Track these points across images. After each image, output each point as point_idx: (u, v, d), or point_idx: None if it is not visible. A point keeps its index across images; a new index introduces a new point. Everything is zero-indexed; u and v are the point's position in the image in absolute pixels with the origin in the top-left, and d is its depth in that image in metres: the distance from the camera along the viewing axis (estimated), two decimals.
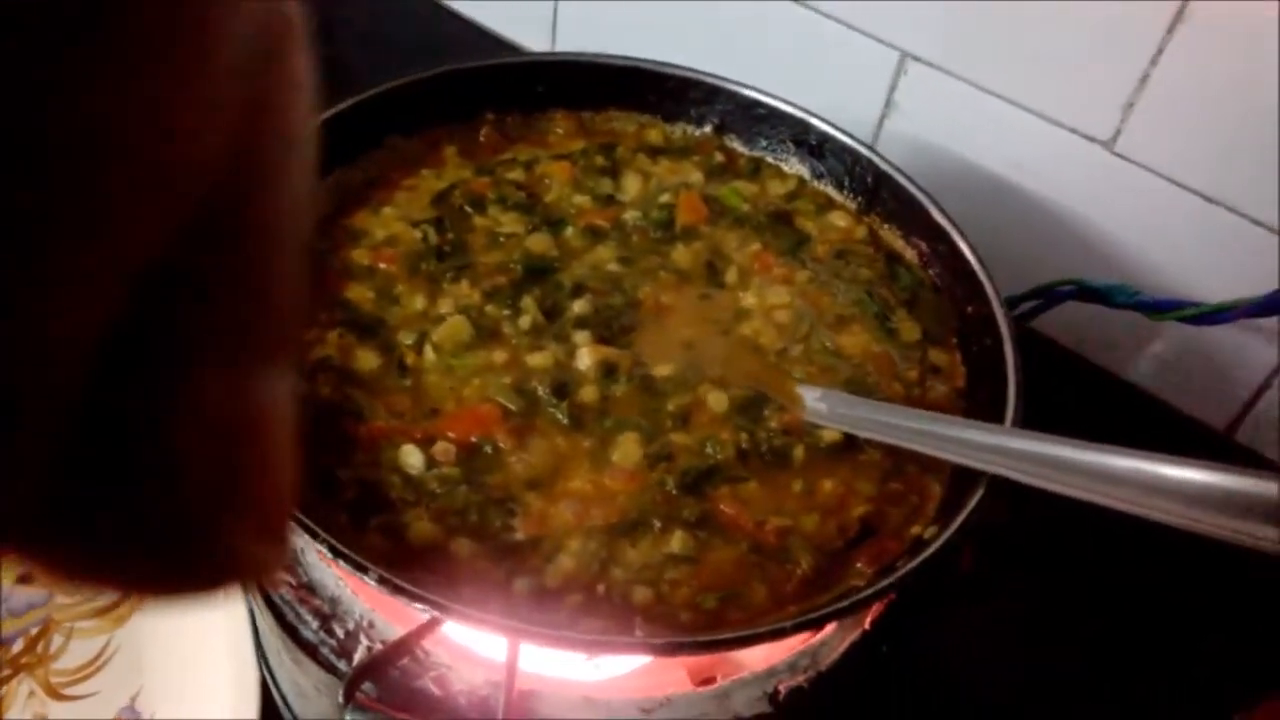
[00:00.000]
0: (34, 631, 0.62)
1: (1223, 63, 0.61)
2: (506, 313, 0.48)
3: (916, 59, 0.72)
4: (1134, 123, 0.66)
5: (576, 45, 0.88)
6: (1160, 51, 0.63)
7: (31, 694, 0.59)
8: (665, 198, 0.54)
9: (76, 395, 0.12)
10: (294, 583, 0.45)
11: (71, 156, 0.11)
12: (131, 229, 0.12)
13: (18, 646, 0.61)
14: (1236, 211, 0.63)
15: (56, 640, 0.61)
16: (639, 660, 0.42)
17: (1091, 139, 0.67)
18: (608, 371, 0.46)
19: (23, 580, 0.63)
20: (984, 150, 0.72)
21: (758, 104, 0.57)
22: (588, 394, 0.45)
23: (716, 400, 0.46)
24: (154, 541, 0.14)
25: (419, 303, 0.48)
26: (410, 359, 0.46)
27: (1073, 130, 0.68)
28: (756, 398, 0.46)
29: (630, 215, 0.53)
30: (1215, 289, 0.65)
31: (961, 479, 0.43)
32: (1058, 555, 0.55)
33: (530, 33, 0.90)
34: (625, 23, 0.84)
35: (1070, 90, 0.67)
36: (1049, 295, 0.60)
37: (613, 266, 0.50)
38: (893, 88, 0.74)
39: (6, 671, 0.60)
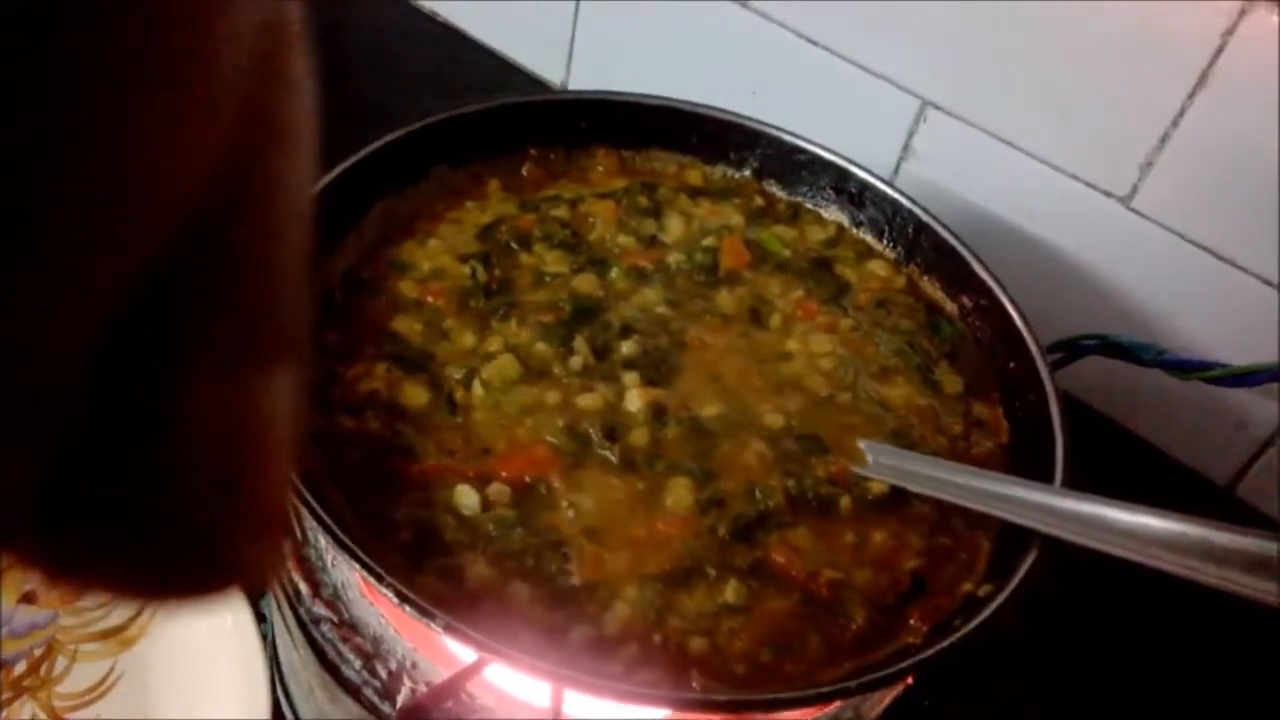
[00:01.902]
0: (37, 653, 0.60)
1: (1242, 127, 0.62)
2: (557, 351, 0.48)
3: (936, 107, 0.73)
4: (1152, 181, 0.67)
5: (591, 77, 0.89)
6: (1182, 114, 0.64)
7: (33, 718, 0.58)
8: (708, 241, 0.54)
9: (73, 396, 0.12)
10: (335, 620, 0.44)
11: (66, 155, 0.11)
12: (127, 229, 0.12)
13: (20, 668, 0.60)
14: (1250, 272, 0.65)
15: (60, 663, 0.60)
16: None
17: (1109, 194, 0.69)
18: (657, 414, 0.46)
19: (26, 600, 0.62)
20: (1000, 199, 0.73)
21: (798, 150, 0.58)
22: (638, 437, 0.46)
23: (764, 447, 0.46)
24: (151, 543, 0.14)
25: (468, 339, 0.48)
26: (460, 395, 0.46)
27: (1090, 184, 0.69)
28: (809, 444, 0.46)
29: (674, 258, 0.53)
30: (1228, 347, 0.66)
31: (1009, 536, 0.44)
32: (1096, 612, 0.56)
33: (547, 62, 0.90)
34: (640, 58, 0.84)
35: (1089, 145, 0.69)
36: (1073, 348, 0.61)
37: (660, 309, 0.51)
38: (911, 133, 0.75)
39: (8, 694, 0.59)
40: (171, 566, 0.15)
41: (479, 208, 0.54)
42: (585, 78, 0.89)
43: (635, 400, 0.47)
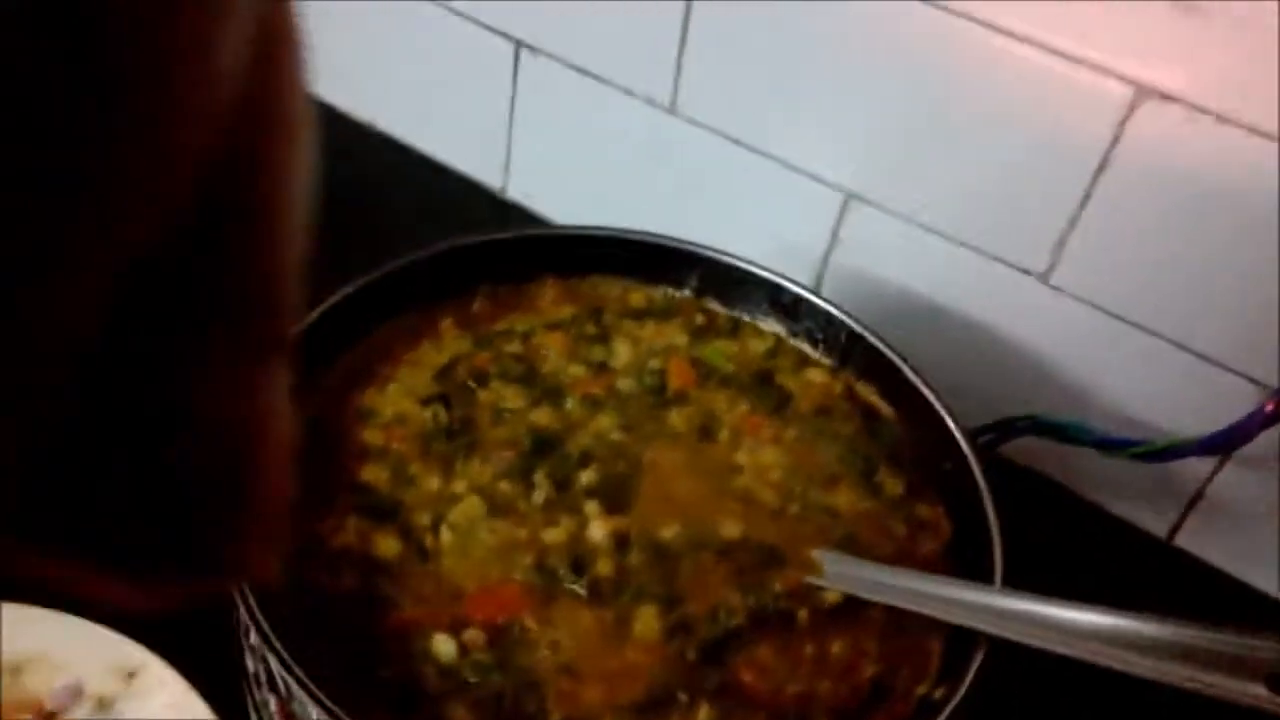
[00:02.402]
0: None
1: (1144, 206, 0.67)
2: (519, 488, 0.50)
3: (859, 198, 0.77)
4: (1066, 258, 0.71)
5: (530, 181, 0.92)
6: (1088, 197, 0.69)
7: None
8: (655, 363, 0.57)
9: (68, 393, 0.12)
10: None
11: (62, 149, 0.11)
12: (123, 223, 0.12)
13: None
14: (1169, 340, 0.69)
15: None
16: None
17: (1027, 272, 0.73)
18: (620, 542, 0.49)
19: None
20: (927, 282, 0.77)
21: (734, 269, 0.61)
22: (604, 566, 0.48)
23: (723, 565, 0.48)
24: (149, 541, 0.14)
25: (434, 483, 0.50)
26: (429, 541, 0.48)
27: (1009, 264, 0.73)
28: (763, 559, 0.49)
29: (624, 383, 0.56)
30: (1157, 412, 0.70)
31: (960, 636, 0.46)
32: (1048, 712, 0.58)
33: (485, 167, 0.93)
34: (575, 160, 0.88)
35: (1006, 227, 0.73)
36: (1006, 429, 0.65)
37: (615, 435, 0.53)
38: (838, 224, 0.79)
39: None
40: (168, 564, 0.15)
41: (434, 347, 0.56)
42: (524, 183, 0.92)
43: (598, 530, 0.49)
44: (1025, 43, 0.64)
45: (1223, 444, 0.57)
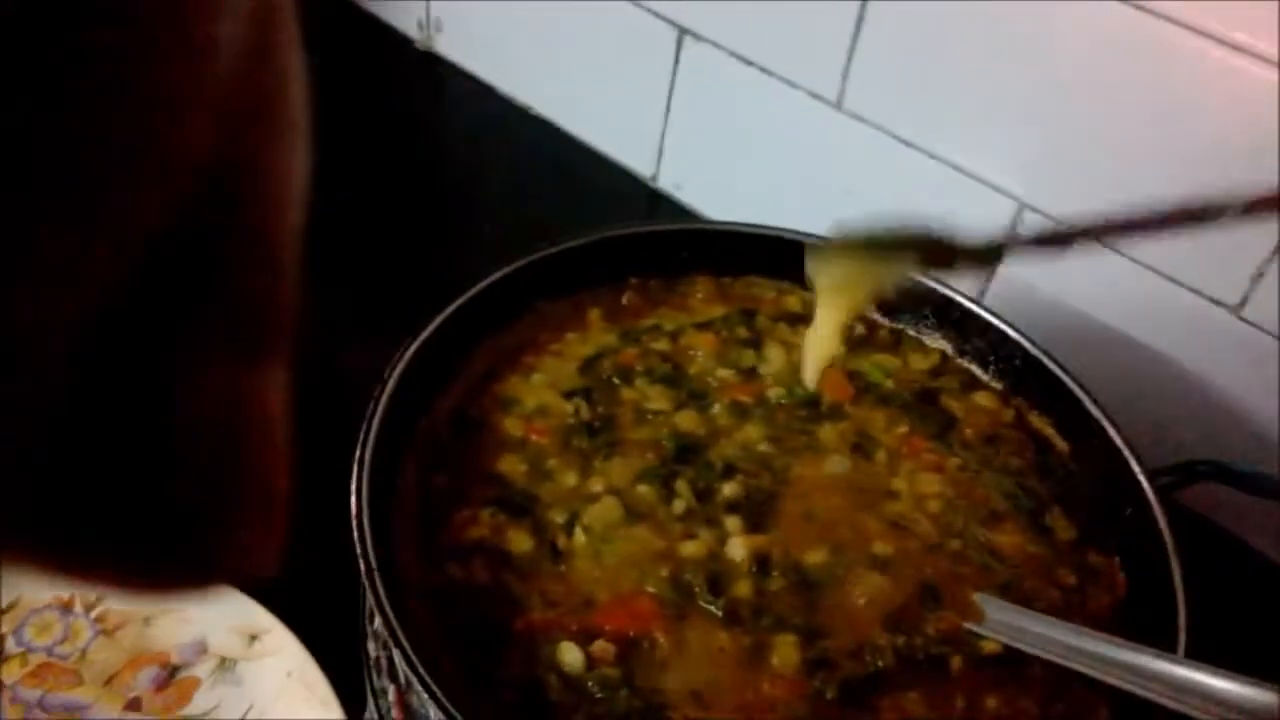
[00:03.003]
0: None
1: None
2: (659, 494, 0.48)
3: (1033, 209, 0.72)
4: (1263, 291, 0.65)
5: (682, 173, 0.89)
6: None
7: None
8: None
9: (69, 389, 0.12)
10: None
11: (64, 144, 0.11)
12: (123, 220, 0.12)
13: None
14: None
15: None
16: None
17: (1218, 303, 0.67)
18: (761, 563, 0.46)
19: None
20: (1104, 305, 0.71)
21: None
22: (742, 588, 0.45)
23: (873, 600, 0.45)
24: (148, 533, 0.14)
25: (571, 480, 0.49)
26: (562, 542, 0.46)
27: (1197, 292, 0.67)
28: (919, 597, 0.45)
29: (774, 392, 0.53)
30: None
31: (1128, 705, 0.42)
32: None
33: (638, 156, 0.91)
34: (729, 155, 0.85)
35: (1197, 252, 0.67)
36: (1186, 473, 0.59)
37: (762, 446, 0.50)
38: (1009, 234, 0.74)
39: None
40: (168, 556, 0.15)
41: (580, 339, 0.55)
42: (675, 173, 0.90)
43: (738, 549, 0.46)
44: (1217, 43, 0.58)
45: None
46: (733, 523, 0.47)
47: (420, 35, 1.01)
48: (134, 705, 0.60)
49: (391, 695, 0.45)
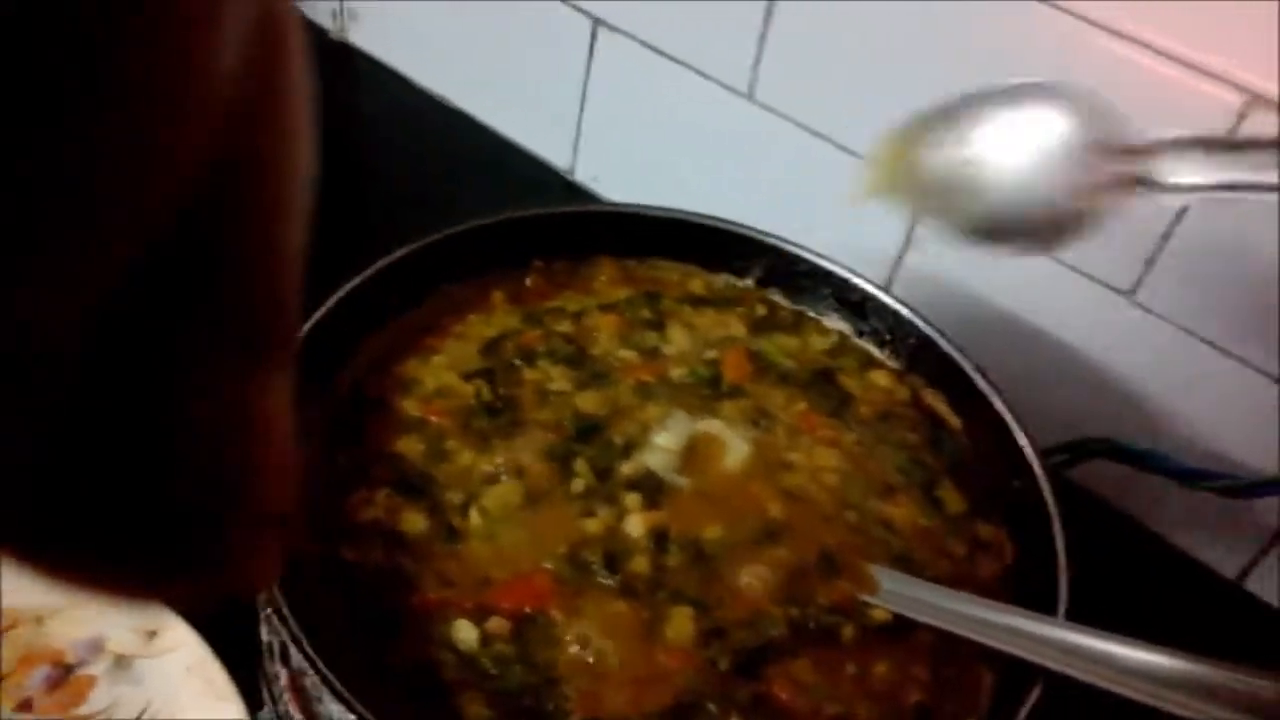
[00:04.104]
0: None
1: (1242, 225, 0.62)
2: (558, 473, 0.48)
3: None
4: (1155, 276, 0.67)
5: (598, 163, 0.90)
6: (1183, 211, 0.64)
7: None
8: (711, 354, 0.54)
9: (69, 393, 0.12)
10: None
11: (64, 150, 0.11)
12: (124, 225, 0.12)
13: None
14: (1259, 370, 0.64)
15: None
16: None
17: (1112, 288, 0.69)
18: (658, 539, 0.46)
19: (23, 707, 0.61)
20: (1004, 292, 0.73)
21: (800, 260, 0.58)
22: (639, 564, 0.45)
23: (768, 570, 0.46)
24: (150, 542, 0.14)
25: (469, 460, 0.48)
26: (458, 522, 0.46)
27: (1092, 278, 0.69)
28: (815, 567, 0.46)
29: (677, 372, 0.53)
30: (1244, 448, 0.66)
31: (1015, 668, 0.43)
32: None
33: (555, 147, 0.91)
34: (646, 144, 0.85)
35: (1092, 240, 0.69)
36: (1078, 451, 0.61)
37: (661, 425, 0.51)
38: (914, 224, 0.76)
39: None
40: (169, 565, 0.15)
41: (483, 320, 0.55)
42: (592, 164, 0.90)
43: (637, 526, 0.46)
44: (1130, 42, 0.60)
45: None
46: (632, 500, 0.48)
47: (334, 26, 1.00)
48: (25, 706, 0.58)
49: (284, 680, 0.44)
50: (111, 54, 0.11)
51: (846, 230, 0.74)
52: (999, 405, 0.51)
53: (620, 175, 0.89)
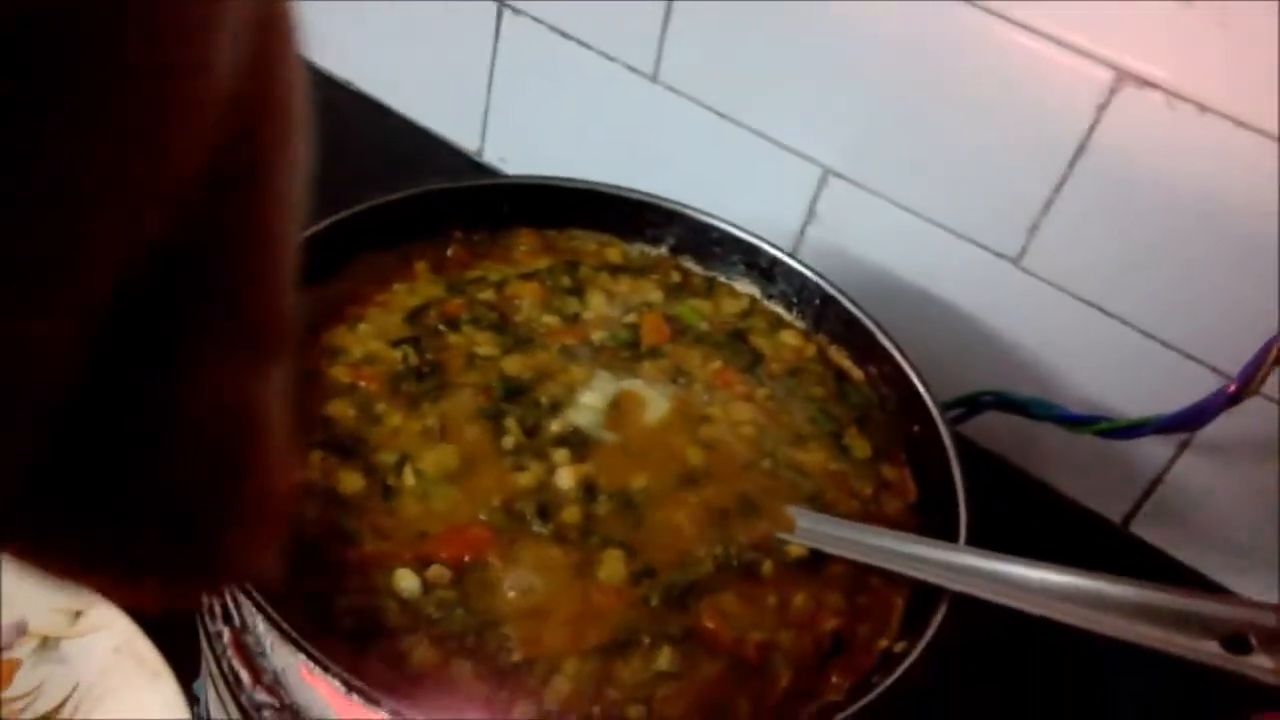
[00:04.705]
0: None
1: (1120, 192, 0.67)
2: (488, 434, 0.50)
3: (837, 174, 0.77)
4: (1039, 242, 0.72)
5: (506, 145, 0.91)
6: (1063, 181, 0.69)
7: None
8: (630, 318, 0.57)
9: (68, 390, 0.12)
10: (277, 705, 0.45)
11: (63, 148, 0.11)
12: (123, 221, 0.12)
13: None
14: (1134, 326, 0.70)
15: None
16: None
17: (1000, 255, 0.73)
18: (588, 489, 0.49)
19: None
20: (902, 261, 0.77)
21: (710, 228, 0.61)
22: (571, 514, 0.48)
23: (691, 514, 0.48)
24: (149, 539, 0.14)
25: (398, 421, 0.50)
26: (392, 480, 0.48)
27: (982, 246, 0.74)
28: (735, 510, 0.49)
29: (598, 335, 0.55)
30: (1119, 396, 0.71)
31: (921, 592, 0.47)
32: (1007, 666, 0.59)
33: (463, 131, 0.92)
34: (553, 126, 0.87)
35: (980, 209, 0.73)
36: (972, 405, 0.65)
37: (586, 385, 0.53)
38: (814, 199, 0.79)
39: None
40: (167, 561, 0.15)
41: (407, 290, 0.56)
42: (500, 146, 0.91)
43: (566, 478, 0.49)
44: (1006, 22, 0.65)
45: (1185, 423, 0.58)
46: (560, 455, 0.50)
47: None
48: None
49: (227, 638, 0.45)
50: (112, 51, 0.11)
51: (750, 207, 0.77)
52: (898, 357, 0.55)
53: (528, 156, 0.91)
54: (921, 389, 0.53)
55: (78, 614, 0.59)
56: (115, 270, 0.12)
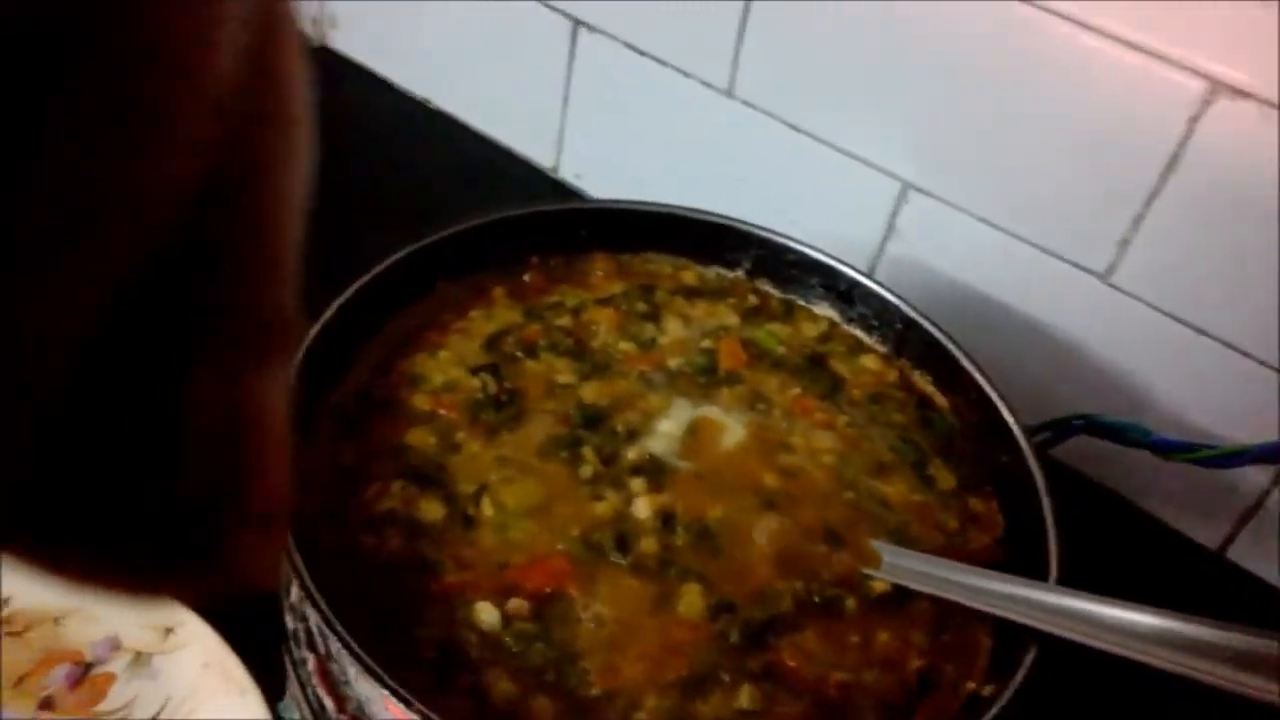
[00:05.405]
0: None
1: (1212, 207, 0.65)
2: (566, 463, 0.50)
3: (917, 188, 0.75)
4: (1130, 258, 0.69)
5: (581, 162, 0.91)
6: (1155, 195, 0.67)
7: None
8: (706, 343, 0.56)
9: (70, 392, 0.12)
10: None
11: (65, 151, 0.11)
12: (125, 224, 0.12)
13: None
14: (1228, 345, 0.67)
15: None
16: None
17: (1087, 270, 0.71)
18: (665, 520, 0.48)
19: (45, 706, 0.62)
20: (984, 277, 0.76)
21: (788, 250, 0.60)
22: (648, 545, 0.47)
23: (776, 547, 0.48)
24: (148, 539, 0.14)
25: (477, 449, 0.50)
26: (472, 510, 0.48)
27: (1069, 262, 0.71)
28: (814, 544, 0.48)
29: (674, 361, 0.55)
30: (1213, 418, 0.68)
31: (1008, 632, 0.45)
32: (1099, 712, 0.57)
33: (538, 147, 0.93)
34: (628, 143, 0.87)
35: (1067, 224, 0.71)
36: (1060, 428, 0.63)
37: (663, 413, 0.52)
38: (894, 214, 0.78)
39: None
40: (169, 563, 0.15)
41: (484, 316, 0.56)
42: (575, 162, 0.92)
43: (643, 508, 0.48)
44: (1095, 33, 0.63)
45: None
46: (637, 484, 0.49)
47: (314, 31, 1.01)
48: (47, 704, 0.59)
49: (311, 664, 0.45)
50: (113, 52, 0.11)
51: (828, 222, 0.76)
52: (984, 384, 0.53)
53: (603, 173, 0.91)
54: (1009, 418, 0.52)
55: (168, 630, 0.60)
56: (117, 270, 0.12)
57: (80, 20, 0.11)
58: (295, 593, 0.44)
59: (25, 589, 0.59)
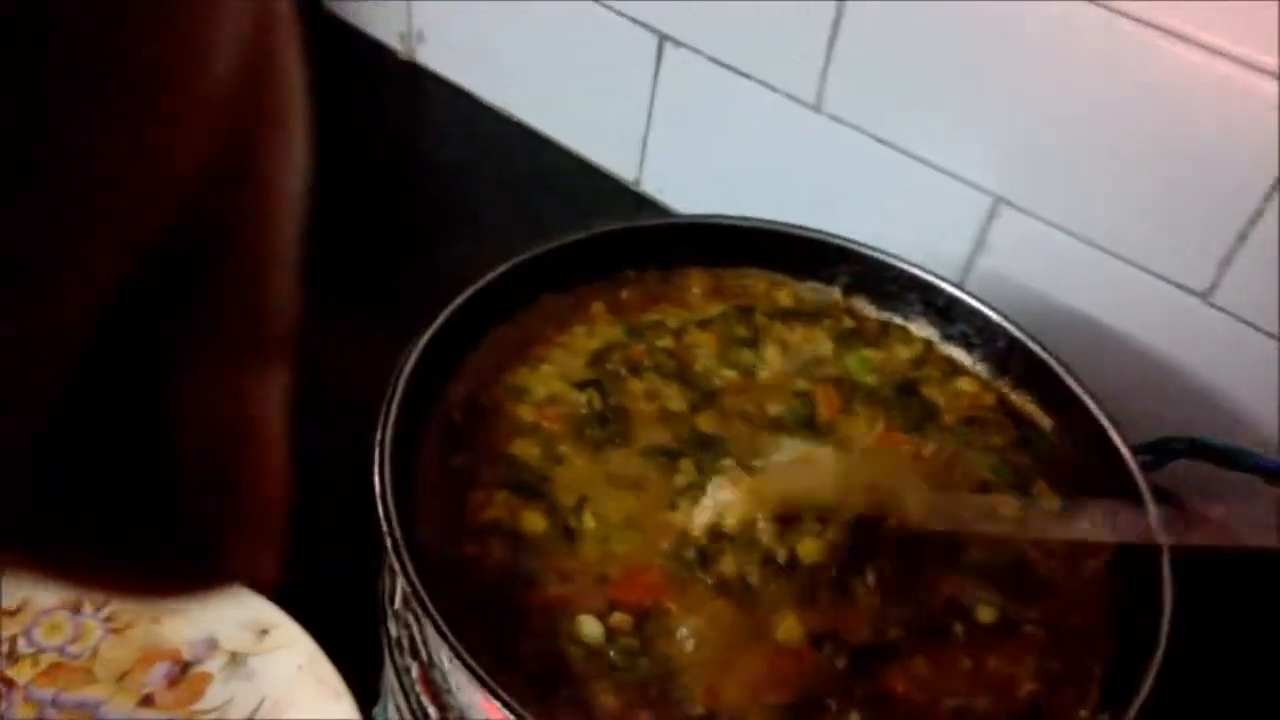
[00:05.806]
0: None
1: None
2: (665, 475, 0.50)
3: (1009, 203, 0.74)
4: (1231, 277, 0.68)
5: (664, 176, 0.91)
6: (1259, 214, 0.65)
7: None
8: (802, 384, 0.55)
9: (67, 392, 0.12)
10: None
11: (60, 151, 0.11)
12: (121, 224, 0.12)
13: None
14: None
15: None
16: None
17: (1187, 289, 0.69)
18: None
19: (146, 703, 0.63)
20: (1078, 294, 0.74)
21: (885, 265, 0.60)
22: (728, 564, 0.47)
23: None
24: (146, 540, 0.14)
25: (581, 464, 0.50)
26: (574, 523, 0.48)
27: (1168, 280, 0.70)
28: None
29: (775, 410, 0.54)
30: None
31: (1122, 661, 0.44)
32: None
33: (620, 160, 0.93)
34: (711, 156, 0.87)
35: (1165, 241, 0.70)
36: (1162, 451, 0.61)
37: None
38: (984, 229, 0.77)
39: None
40: (167, 563, 0.15)
41: (586, 332, 0.56)
42: (658, 176, 0.92)
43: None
44: (1201, 49, 0.61)
45: None
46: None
47: (402, 46, 1.03)
48: (147, 701, 0.60)
49: (415, 673, 0.46)
50: (110, 52, 0.11)
51: (915, 237, 0.75)
52: (1093, 407, 0.52)
53: (685, 187, 0.91)
54: (1116, 439, 0.51)
55: (264, 631, 0.61)
56: (114, 271, 0.12)
57: (79, 20, 0.11)
58: (400, 601, 0.45)
59: None
